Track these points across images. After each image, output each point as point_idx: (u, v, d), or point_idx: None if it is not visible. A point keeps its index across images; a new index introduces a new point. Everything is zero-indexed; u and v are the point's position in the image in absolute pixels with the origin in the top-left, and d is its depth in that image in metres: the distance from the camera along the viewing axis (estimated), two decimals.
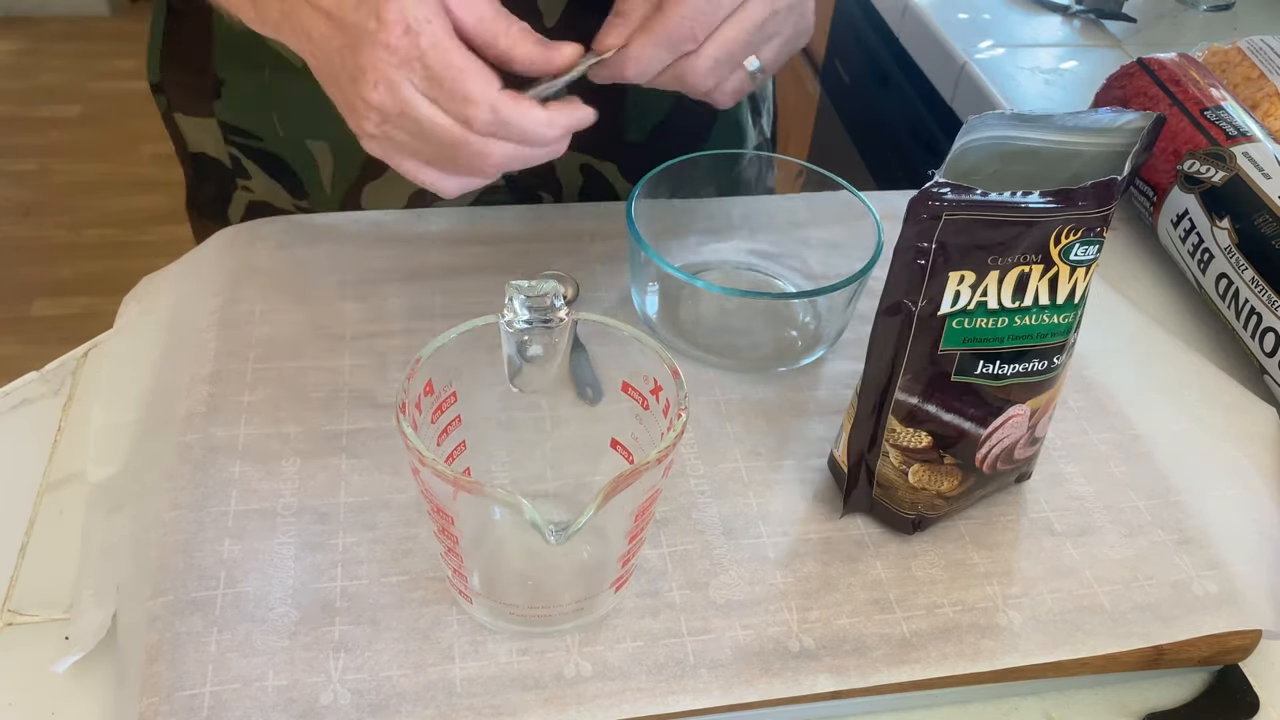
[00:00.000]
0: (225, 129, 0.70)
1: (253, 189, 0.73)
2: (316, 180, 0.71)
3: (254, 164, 0.71)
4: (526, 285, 0.41)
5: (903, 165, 1.26)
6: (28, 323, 1.96)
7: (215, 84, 0.68)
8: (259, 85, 0.67)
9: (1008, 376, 0.45)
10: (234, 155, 0.71)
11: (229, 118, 0.70)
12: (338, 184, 0.71)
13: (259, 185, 0.72)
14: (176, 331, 0.57)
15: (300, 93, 0.66)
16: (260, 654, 0.42)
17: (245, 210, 0.74)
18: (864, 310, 0.59)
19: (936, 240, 0.42)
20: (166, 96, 0.71)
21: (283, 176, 0.71)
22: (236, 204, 0.74)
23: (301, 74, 0.65)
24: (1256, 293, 0.62)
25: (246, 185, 0.73)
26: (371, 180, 0.70)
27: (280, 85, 0.66)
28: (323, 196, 0.72)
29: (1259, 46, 0.81)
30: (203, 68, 0.68)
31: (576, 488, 0.48)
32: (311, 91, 0.66)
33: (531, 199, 0.74)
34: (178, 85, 0.70)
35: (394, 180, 0.70)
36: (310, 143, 0.69)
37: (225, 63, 0.67)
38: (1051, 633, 0.45)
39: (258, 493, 0.48)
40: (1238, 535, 0.51)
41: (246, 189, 0.73)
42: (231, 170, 0.72)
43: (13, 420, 0.55)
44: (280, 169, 0.71)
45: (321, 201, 0.72)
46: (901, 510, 0.48)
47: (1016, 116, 0.46)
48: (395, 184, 0.70)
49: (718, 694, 0.42)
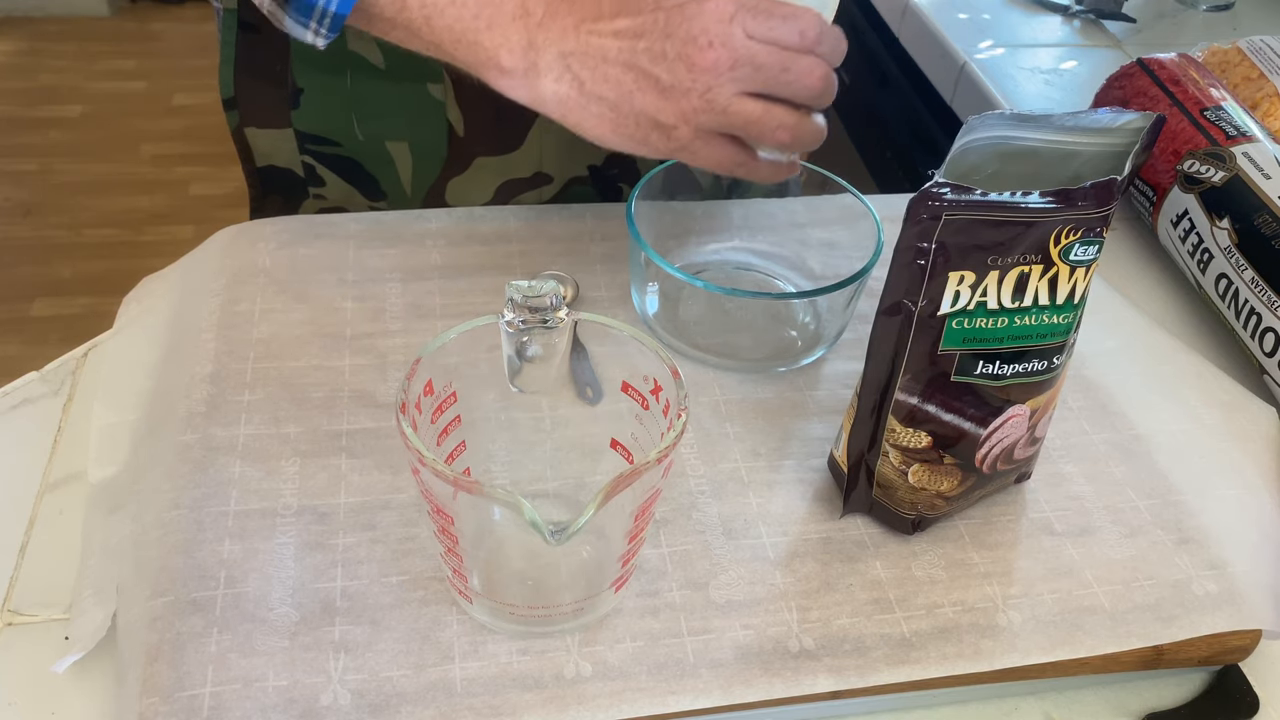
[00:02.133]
0: (302, 138, 0.71)
1: (326, 196, 0.73)
2: (395, 180, 0.71)
3: (330, 170, 0.72)
4: (526, 285, 0.41)
5: (903, 165, 1.26)
6: (28, 323, 1.96)
7: (293, 93, 0.69)
8: (339, 90, 0.68)
9: (1008, 377, 0.45)
10: (308, 164, 0.72)
11: (306, 126, 0.70)
12: (418, 183, 0.71)
13: (334, 192, 0.73)
14: (176, 331, 0.57)
15: (381, 93, 0.67)
16: (260, 654, 0.42)
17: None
18: (864, 310, 0.59)
19: (936, 240, 0.42)
20: (239, 111, 0.71)
21: (360, 181, 0.72)
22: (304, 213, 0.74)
23: (381, 76, 0.66)
24: (1256, 293, 0.62)
25: (320, 193, 0.73)
26: (455, 175, 0.71)
27: (361, 88, 0.67)
28: (402, 196, 0.72)
29: (1259, 46, 0.81)
30: (280, 79, 0.68)
31: (576, 488, 0.48)
32: (392, 91, 0.67)
33: (614, 191, 0.75)
34: (253, 98, 0.70)
35: (478, 173, 0.71)
36: (390, 144, 0.70)
37: (304, 71, 0.67)
38: (1051, 633, 0.45)
39: (258, 493, 0.48)
40: (1238, 535, 0.51)
41: (319, 197, 0.73)
42: (304, 179, 0.73)
43: (13, 420, 0.55)
44: (357, 173, 0.72)
45: (401, 201, 0.73)
46: (901, 510, 0.48)
47: (1016, 116, 0.46)
48: (479, 177, 0.71)
49: (718, 694, 0.42)
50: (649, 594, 0.46)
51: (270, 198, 0.75)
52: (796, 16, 0.48)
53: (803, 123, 0.50)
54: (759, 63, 0.48)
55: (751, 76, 0.48)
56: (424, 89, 0.67)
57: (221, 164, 2.31)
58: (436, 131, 0.69)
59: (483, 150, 0.70)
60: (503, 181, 0.71)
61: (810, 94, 0.49)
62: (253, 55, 0.68)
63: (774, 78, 0.48)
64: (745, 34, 0.48)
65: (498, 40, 0.50)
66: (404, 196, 0.72)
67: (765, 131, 0.50)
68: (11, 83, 2.58)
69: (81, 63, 2.68)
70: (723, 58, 0.47)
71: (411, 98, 0.67)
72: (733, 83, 0.48)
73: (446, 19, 0.50)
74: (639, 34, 0.48)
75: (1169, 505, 0.52)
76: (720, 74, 0.48)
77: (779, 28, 0.48)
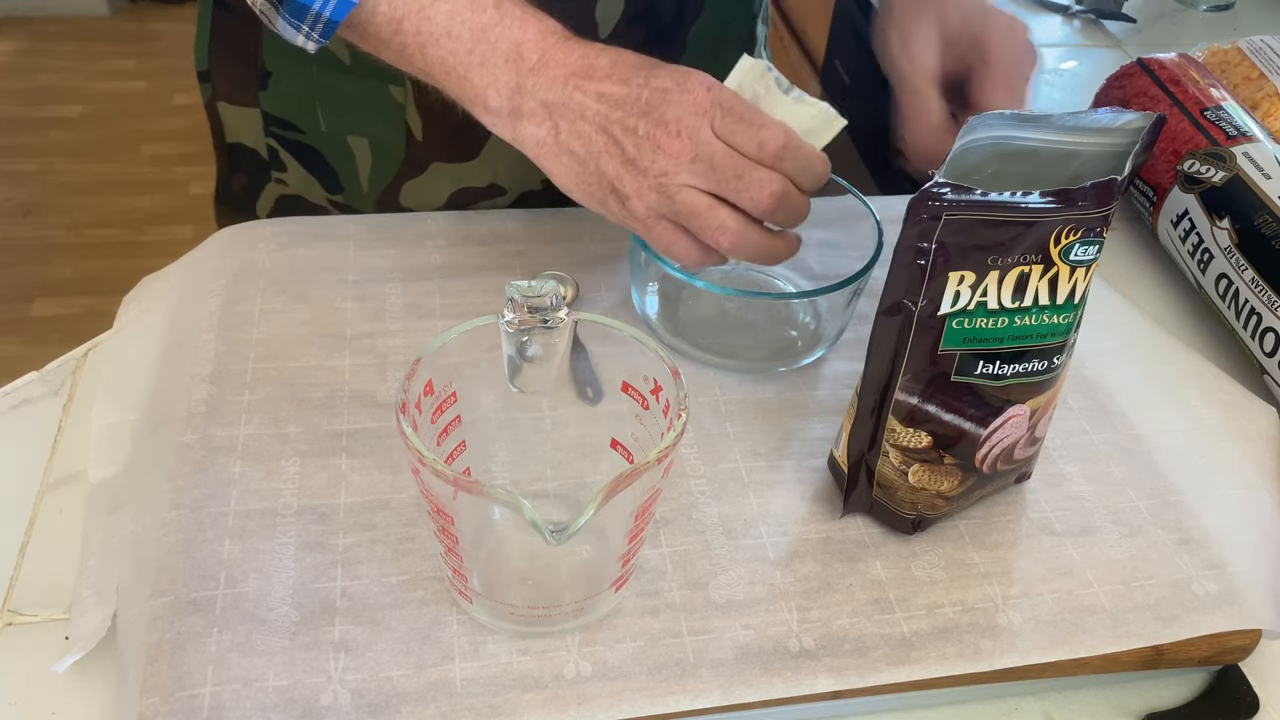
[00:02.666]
0: (268, 120, 0.71)
1: (287, 182, 0.73)
2: (354, 176, 0.71)
3: (291, 156, 0.72)
4: (526, 285, 0.41)
5: (903, 166, 1.26)
6: (28, 323, 1.96)
7: (262, 74, 0.69)
8: (305, 78, 0.68)
9: (1008, 377, 0.45)
10: (272, 147, 0.72)
11: (273, 108, 0.70)
12: (375, 181, 0.71)
13: (294, 178, 0.73)
14: (176, 331, 0.57)
15: (345, 88, 0.68)
16: (260, 654, 0.42)
17: (275, 204, 0.75)
18: (864, 310, 0.59)
19: (936, 240, 0.42)
20: (212, 85, 0.72)
21: (319, 171, 0.72)
22: (267, 196, 0.75)
23: (347, 70, 0.66)
24: (1256, 293, 0.62)
25: (281, 178, 0.73)
26: (410, 179, 0.71)
27: (326, 80, 0.67)
28: (358, 193, 0.72)
29: (1259, 46, 0.81)
30: (251, 59, 0.68)
31: (576, 488, 0.48)
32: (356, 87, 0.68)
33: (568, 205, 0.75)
34: (224, 74, 0.71)
35: (433, 178, 0.71)
36: (351, 138, 0.70)
37: (273, 54, 0.68)
38: (1051, 633, 0.45)
39: (258, 493, 0.48)
40: (1238, 535, 0.51)
41: (281, 181, 0.73)
42: (268, 162, 0.73)
43: (13, 420, 0.55)
44: (318, 163, 0.72)
45: (357, 197, 0.72)
46: (901, 510, 0.48)
47: (1016, 116, 0.46)
48: (434, 182, 0.71)
49: (718, 694, 0.42)
50: (649, 594, 0.46)
51: (236, 175, 0.75)
52: (763, 126, 0.48)
53: (746, 231, 0.49)
54: (716, 163, 0.48)
55: (706, 174, 0.48)
56: (385, 89, 0.67)
57: None
58: (395, 132, 0.69)
59: (439, 156, 0.70)
60: (457, 189, 0.71)
61: (757, 207, 0.49)
62: (227, 32, 0.69)
63: (726, 182, 0.48)
64: (713, 131, 0.48)
65: (487, 79, 0.50)
66: (360, 193, 0.72)
67: (706, 229, 0.49)
68: (11, 83, 2.58)
69: (81, 63, 2.68)
70: (685, 149, 0.48)
71: (373, 97, 0.67)
72: (689, 174, 0.48)
73: (440, 50, 0.51)
74: (619, 103, 0.48)
75: (1169, 505, 0.52)
76: (679, 163, 0.48)
77: (741, 133, 0.48)
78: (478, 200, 0.72)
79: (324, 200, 0.73)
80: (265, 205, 0.75)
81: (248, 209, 0.76)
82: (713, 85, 0.49)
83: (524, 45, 0.50)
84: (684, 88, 0.48)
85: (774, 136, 0.48)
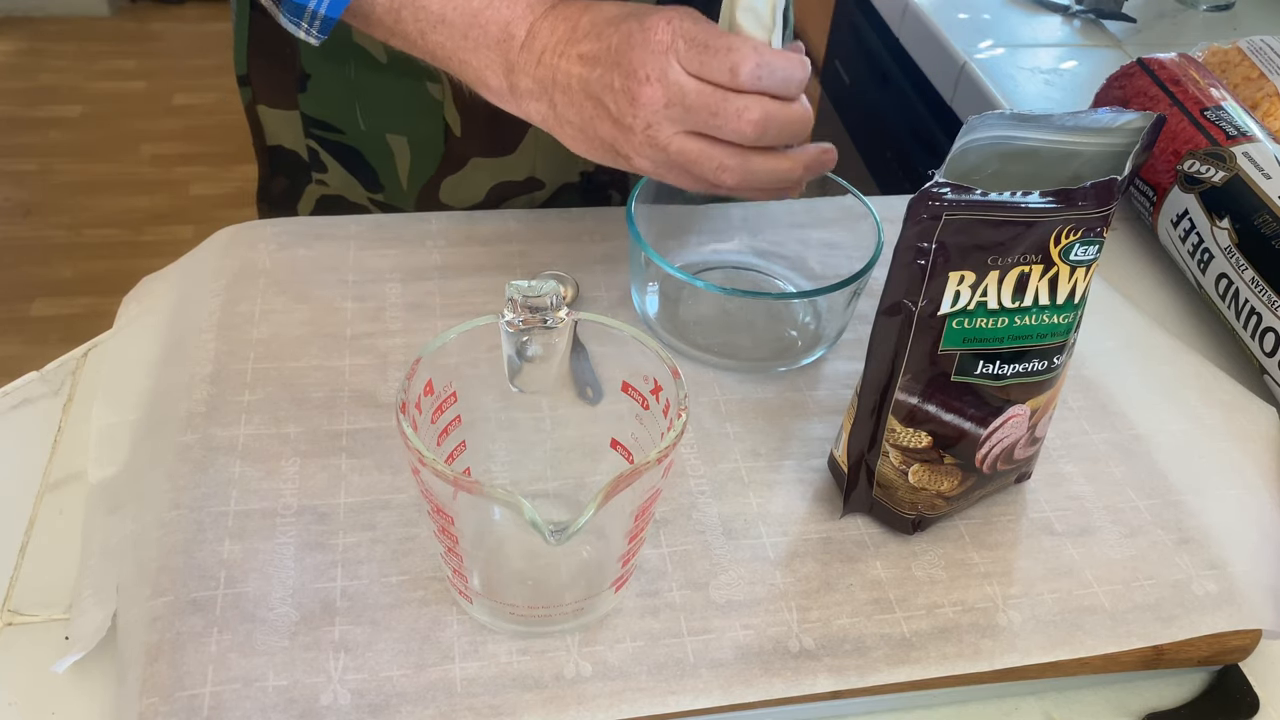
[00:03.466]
0: (307, 121, 0.71)
1: (328, 183, 0.74)
2: (393, 174, 0.72)
3: (331, 157, 0.72)
4: (526, 285, 0.41)
5: (903, 165, 1.26)
6: (28, 323, 1.96)
7: (301, 77, 0.69)
8: (343, 79, 0.68)
9: (1008, 376, 0.45)
10: (312, 148, 0.72)
11: (312, 110, 0.71)
12: (414, 178, 0.72)
13: (335, 179, 0.73)
14: (176, 331, 0.57)
15: (383, 87, 0.68)
16: (260, 654, 0.42)
17: (316, 204, 0.75)
18: (864, 310, 0.59)
19: (936, 240, 0.42)
20: (252, 88, 0.72)
21: (360, 170, 0.72)
22: (308, 198, 0.75)
23: (385, 70, 0.67)
24: (1256, 293, 0.62)
25: (322, 179, 0.74)
26: (449, 175, 0.71)
27: (364, 79, 0.68)
28: (399, 191, 0.73)
29: (1259, 46, 0.81)
30: (289, 62, 0.69)
31: (576, 488, 0.48)
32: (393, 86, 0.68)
33: (603, 198, 0.75)
34: (263, 78, 0.71)
35: (472, 174, 0.71)
36: (390, 136, 0.70)
37: (311, 56, 0.68)
38: (1051, 633, 0.45)
39: (258, 493, 0.48)
40: (1238, 535, 0.51)
41: (321, 182, 0.74)
42: (308, 163, 0.73)
43: (13, 420, 0.55)
44: (358, 163, 0.72)
45: (397, 195, 0.73)
46: (901, 510, 0.48)
47: (1016, 116, 0.46)
48: (473, 177, 0.71)
49: (718, 694, 0.42)
50: (649, 594, 0.46)
51: (277, 178, 0.76)
52: (731, 50, 0.45)
53: (748, 163, 0.47)
54: (689, 103, 0.46)
55: (684, 117, 0.46)
56: (424, 87, 0.67)
57: (221, 164, 2.31)
58: (434, 129, 0.69)
59: (478, 151, 0.70)
60: (496, 183, 0.71)
61: (744, 138, 0.46)
62: (265, 36, 0.69)
63: (704, 121, 0.46)
64: (681, 67, 0.46)
65: (483, 61, 0.51)
66: (400, 191, 0.73)
67: (707, 173, 0.48)
68: (11, 83, 2.58)
69: (81, 63, 2.68)
70: (657, 95, 0.46)
71: (411, 94, 0.68)
72: (669, 122, 0.46)
73: (438, 36, 0.51)
74: (596, 61, 0.47)
75: (1169, 505, 0.52)
76: (657, 111, 0.46)
77: (710, 63, 0.45)
78: (516, 194, 0.72)
79: (365, 200, 0.73)
80: (306, 206, 0.75)
81: (289, 211, 0.76)
82: (673, 18, 0.46)
83: (512, 24, 0.50)
84: (645, 27, 0.46)
85: (744, 59, 0.45)
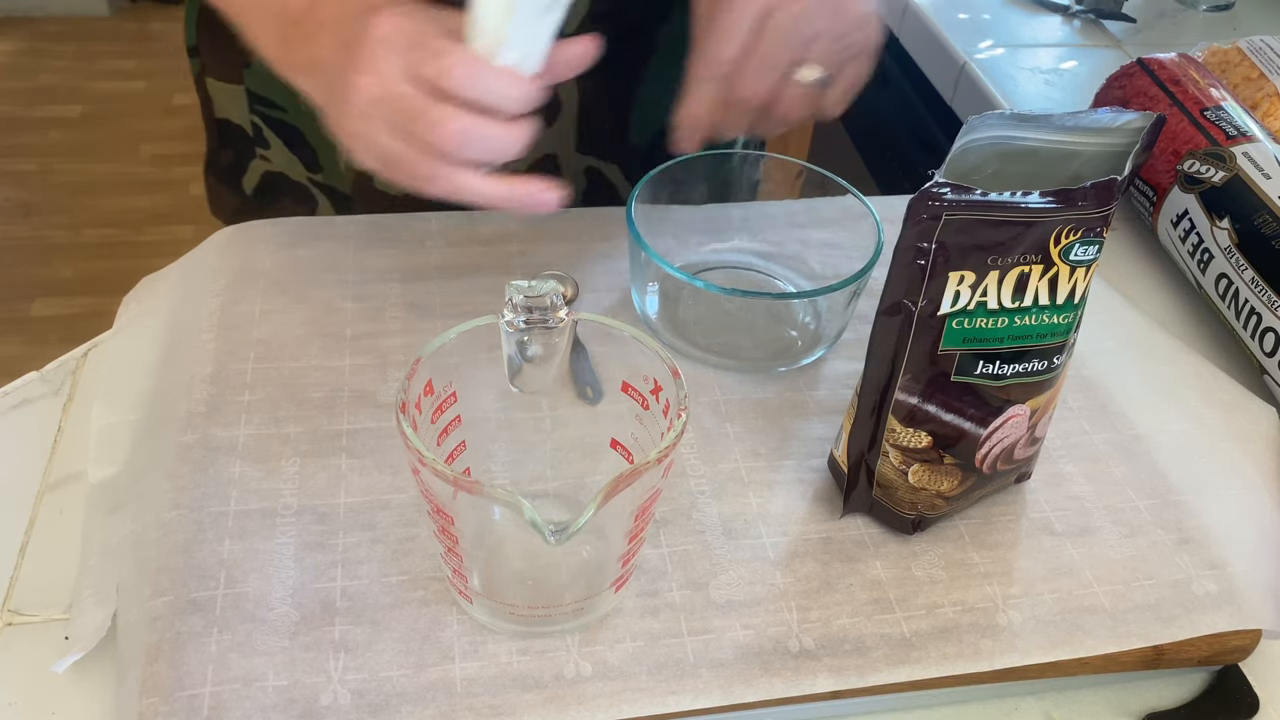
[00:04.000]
0: (252, 97, 0.71)
1: (270, 159, 0.74)
2: (331, 154, 0.72)
3: (274, 134, 0.72)
4: (526, 285, 0.41)
5: (903, 165, 1.26)
6: (28, 323, 1.96)
7: (246, 52, 0.69)
8: None
9: (1008, 376, 0.45)
10: (256, 124, 0.72)
11: (256, 86, 0.71)
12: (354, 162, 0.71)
13: (277, 156, 0.73)
14: (176, 331, 0.57)
15: None
16: (260, 654, 0.42)
17: (260, 179, 0.75)
18: (864, 310, 0.59)
19: (936, 240, 0.42)
20: (201, 60, 0.72)
21: (300, 149, 0.72)
22: (253, 172, 0.75)
23: None
24: (1256, 293, 0.62)
25: (265, 155, 0.74)
26: None
27: None
28: (336, 171, 0.73)
29: (1259, 46, 0.81)
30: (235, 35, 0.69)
31: (576, 488, 0.48)
32: None
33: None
34: (212, 50, 0.71)
35: None
36: None
37: None
38: (1051, 633, 0.45)
39: (258, 493, 0.48)
40: (1238, 535, 0.51)
41: (264, 158, 0.74)
42: (252, 139, 0.73)
43: (13, 420, 0.55)
44: (299, 141, 0.72)
45: (335, 176, 0.73)
46: (901, 510, 0.48)
47: (1016, 116, 0.46)
48: None
49: (718, 694, 0.42)
50: (649, 594, 0.46)
51: (224, 150, 0.76)
52: (442, 54, 0.43)
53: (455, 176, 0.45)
54: (394, 104, 0.44)
55: (389, 116, 0.44)
56: None
57: None
58: None
59: None
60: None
61: (441, 149, 0.44)
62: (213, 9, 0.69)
63: (404, 125, 0.44)
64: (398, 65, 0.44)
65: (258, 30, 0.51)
66: (338, 172, 0.72)
67: (416, 179, 0.45)
68: (11, 83, 2.58)
69: (81, 63, 2.68)
70: (369, 85, 0.44)
71: None
72: (380, 119, 0.44)
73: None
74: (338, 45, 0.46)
75: (1169, 505, 0.52)
76: (369, 104, 0.44)
77: (422, 65, 0.43)
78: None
79: (304, 178, 0.74)
80: (251, 180, 0.75)
81: (234, 184, 0.76)
82: (402, 14, 0.44)
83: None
84: (379, 16, 0.44)
85: (453, 65, 0.43)
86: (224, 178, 0.77)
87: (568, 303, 0.60)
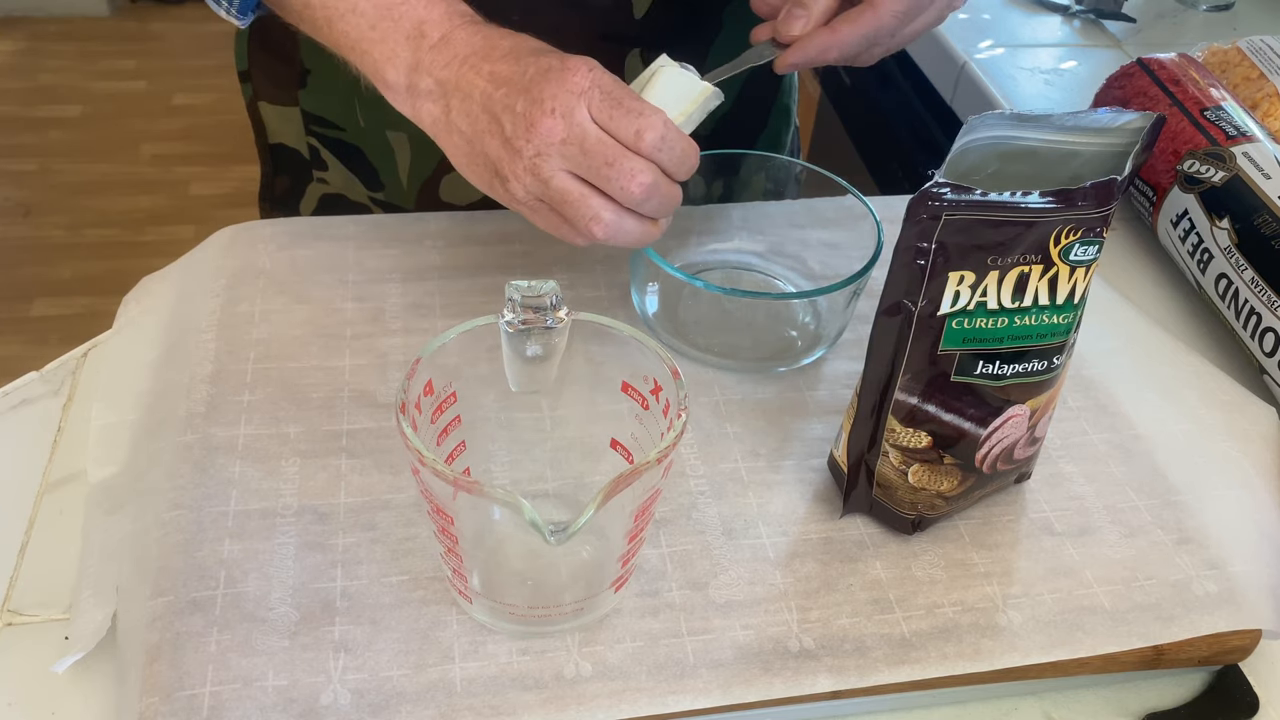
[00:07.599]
0: (307, 118, 0.71)
1: (329, 180, 0.73)
2: (393, 172, 0.72)
3: (332, 155, 0.72)
4: (526, 285, 0.41)
5: (903, 165, 1.26)
6: (28, 323, 1.96)
7: (301, 72, 0.69)
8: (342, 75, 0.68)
9: (1007, 376, 0.45)
10: (313, 146, 0.72)
11: (312, 107, 0.70)
12: (414, 176, 0.71)
13: (335, 177, 0.73)
14: (176, 331, 0.57)
15: None
16: (260, 654, 0.42)
17: (318, 203, 0.75)
18: (864, 310, 0.59)
19: (936, 240, 0.42)
20: (252, 85, 0.72)
21: (360, 168, 0.72)
22: (310, 196, 0.75)
23: None
24: (1256, 293, 0.62)
25: (323, 177, 0.73)
26: (450, 172, 0.71)
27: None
28: (399, 189, 0.72)
29: (1259, 46, 0.81)
30: (289, 56, 0.69)
31: (576, 488, 0.48)
32: None
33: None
34: (264, 74, 0.71)
35: None
36: (390, 133, 0.70)
37: (312, 52, 0.68)
38: (1051, 633, 0.45)
39: (258, 493, 0.48)
40: (1238, 535, 0.51)
41: (322, 180, 0.74)
42: (309, 161, 0.73)
43: (13, 420, 0.55)
44: (358, 160, 0.72)
45: (398, 194, 0.72)
46: (901, 510, 0.48)
47: (1016, 116, 0.46)
48: None
49: (718, 694, 0.42)
50: (649, 594, 0.46)
51: (280, 177, 0.75)
52: (642, 114, 0.47)
53: (621, 222, 0.49)
54: (587, 147, 0.47)
55: (577, 158, 0.47)
56: None
57: (221, 164, 2.31)
58: None
59: None
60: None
61: (627, 198, 0.48)
62: (266, 31, 0.69)
63: (596, 168, 0.47)
64: (589, 113, 0.47)
65: (386, 54, 0.51)
66: (401, 189, 0.72)
67: (578, 218, 0.48)
68: (11, 83, 2.58)
69: (81, 63, 2.68)
70: (557, 129, 0.47)
71: None
72: (561, 158, 0.47)
73: (345, 25, 0.51)
74: (505, 81, 0.48)
75: (1169, 505, 0.52)
76: (550, 144, 0.47)
77: (619, 119, 0.47)
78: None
79: (365, 199, 0.73)
80: (309, 205, 0.75)
81: (291, 209, 0.76)
82: (595, 68, 0.48)
83: (427, 24, 0.50)
84: (566, 67, 0.47)
85: (651, 125, 0.47)
86: (280, 204, 0.77)
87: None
